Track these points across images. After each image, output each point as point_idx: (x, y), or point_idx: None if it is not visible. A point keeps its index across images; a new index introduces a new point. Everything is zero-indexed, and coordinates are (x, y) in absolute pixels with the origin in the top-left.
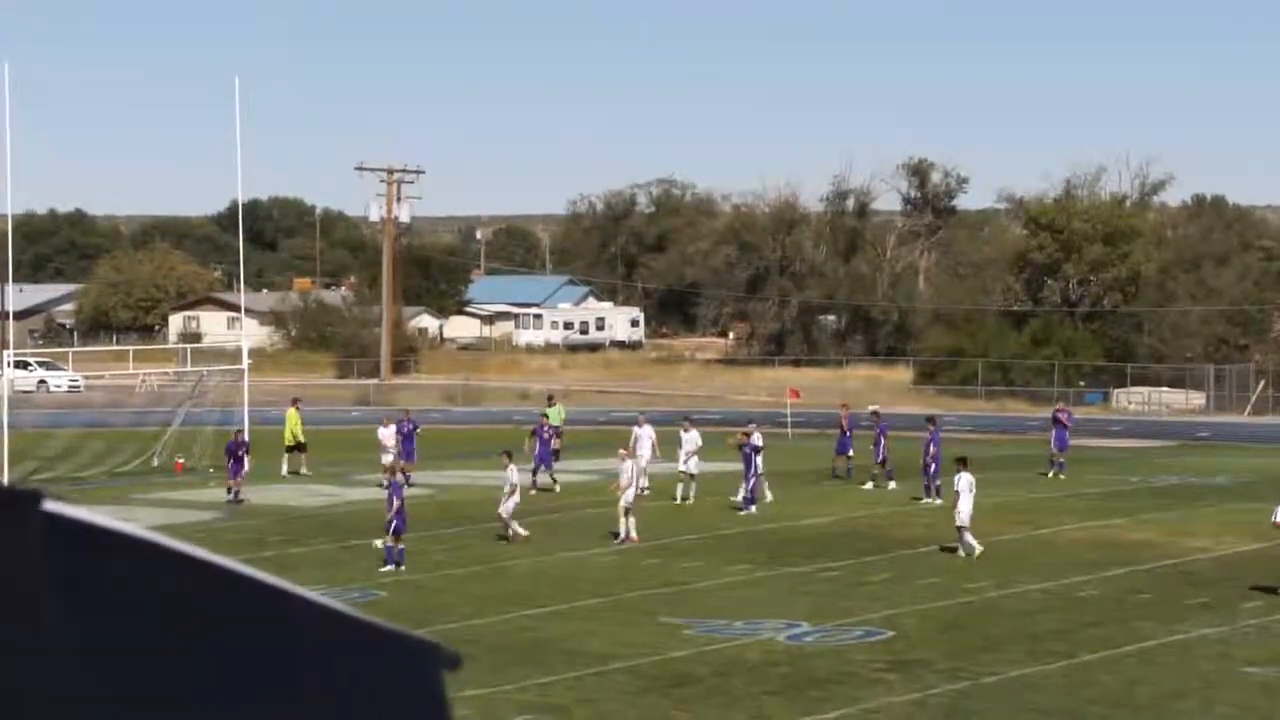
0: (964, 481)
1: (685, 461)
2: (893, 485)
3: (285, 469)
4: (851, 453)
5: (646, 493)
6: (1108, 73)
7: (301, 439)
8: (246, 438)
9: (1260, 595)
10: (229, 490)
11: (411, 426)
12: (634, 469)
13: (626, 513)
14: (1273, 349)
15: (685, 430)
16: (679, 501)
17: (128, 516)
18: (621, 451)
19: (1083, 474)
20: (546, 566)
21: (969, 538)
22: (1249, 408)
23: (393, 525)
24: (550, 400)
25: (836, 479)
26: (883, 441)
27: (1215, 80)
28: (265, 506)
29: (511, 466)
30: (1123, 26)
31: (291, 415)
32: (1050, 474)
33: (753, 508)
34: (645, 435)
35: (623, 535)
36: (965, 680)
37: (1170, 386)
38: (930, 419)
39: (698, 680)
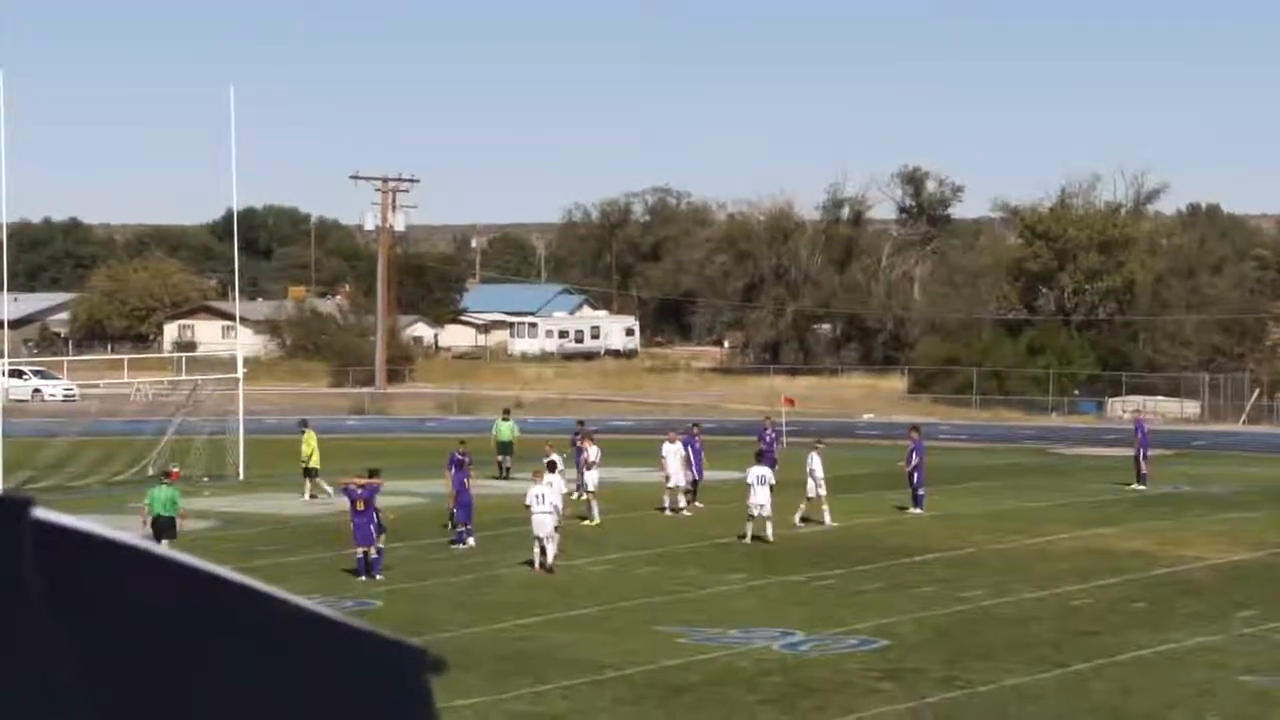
0: (754, 474)
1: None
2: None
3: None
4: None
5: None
6: (1102, 82)
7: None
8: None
9: (1255, 604)
10: None
11: (466, 458)
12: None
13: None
14: (1267, 357)
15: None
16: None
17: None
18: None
19: (1076, 483)
20: (541, 575)
21: (769, 528)
22: (1244, 416)
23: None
24: (506, 414)
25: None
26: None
27: (1210, 89)
28: (260, 515)
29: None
30: (1117, 36)
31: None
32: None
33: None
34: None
35: (537, 564)
36: (960, 689)
37: (1165, 395)
38: (914, 427)
39: (692, 689)
